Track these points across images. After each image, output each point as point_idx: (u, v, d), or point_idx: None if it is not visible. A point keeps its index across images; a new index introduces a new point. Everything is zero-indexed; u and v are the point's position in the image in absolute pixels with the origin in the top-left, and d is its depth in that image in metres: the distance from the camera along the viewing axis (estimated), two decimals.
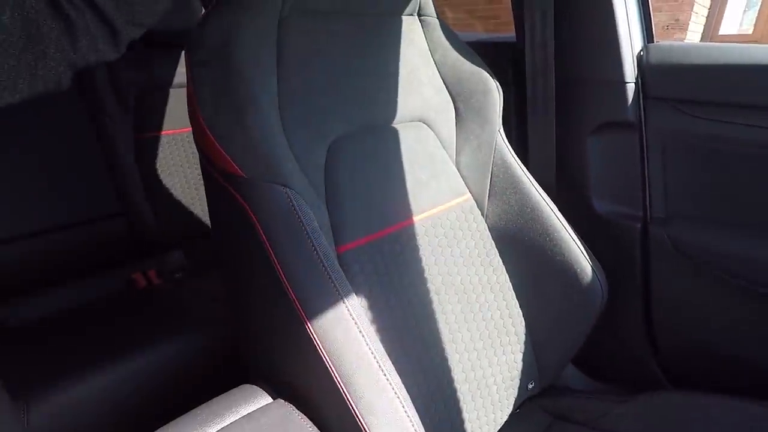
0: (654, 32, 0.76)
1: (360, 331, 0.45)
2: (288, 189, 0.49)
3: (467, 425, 0.66)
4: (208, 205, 0.59)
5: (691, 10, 3.34)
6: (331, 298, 0.45)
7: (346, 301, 0.46)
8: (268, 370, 0.54)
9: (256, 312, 0.53)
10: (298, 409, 0.46)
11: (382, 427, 0.42)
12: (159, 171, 1.24)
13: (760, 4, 4.00)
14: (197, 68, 0.49)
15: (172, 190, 1.26)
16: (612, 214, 0.81)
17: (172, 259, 1.26)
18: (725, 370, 0.75)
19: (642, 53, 0.75)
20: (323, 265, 0.46)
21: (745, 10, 4.90)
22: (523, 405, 0.78)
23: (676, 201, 0.76)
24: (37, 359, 0.79)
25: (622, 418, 0.72)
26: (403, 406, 0.44)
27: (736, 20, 4.79)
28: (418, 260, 0.65)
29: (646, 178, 0.77)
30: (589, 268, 0.71)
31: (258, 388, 0.48)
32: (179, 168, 1.27)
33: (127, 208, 1.14)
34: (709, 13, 3.75)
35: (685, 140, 0.73)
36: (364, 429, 0.42)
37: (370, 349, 0.45)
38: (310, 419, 0.45)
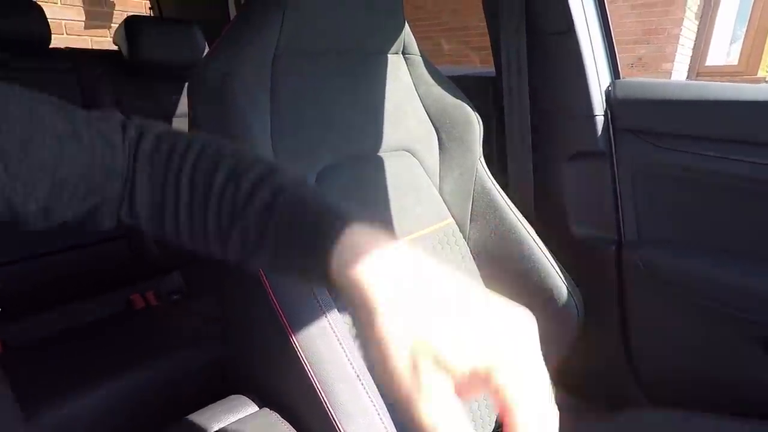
0: (620, 69, 0.82)
1: (340, 344, 0.49)
2: None
3: None
4: None
5: (677, 43, 3.47)
6: (315, 314, 0.49)
7: (328, 316, 0.50)
8: (256, 381, 0.57)
9: (247, 327, 0.57)
10: (283, 418, 0.49)
11: None
12: None
13: (744, 36, 4.15)
14: (198, 107, 0.55)
15: None
16: (588, 238, 0.85)
17: (170, 282, 1.30)
18: (702, 388, 0.78)
19: (610, 88, 0.81)
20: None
21: (731, 42, 5.08)
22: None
23: (647, 225, 0.81)
24: (38, 377, 0.82)
25: None
26: (379, 415, 0.47)
27: (723, 51, 4.95)
28: None
29: (619, 204, 0.82)
30: (564, 288, 0.75)
31: (245, 398, 0.51)
32: None
33: (128, 231, 1.19)
34: (694, 45, 3.89)
35: (651, 169, 0.79)
36: None
37: (349, 360, 0.48)
38: (294, 427, 0.48)
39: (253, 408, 0.50)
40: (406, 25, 0.77)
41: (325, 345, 0.48)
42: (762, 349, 0.72)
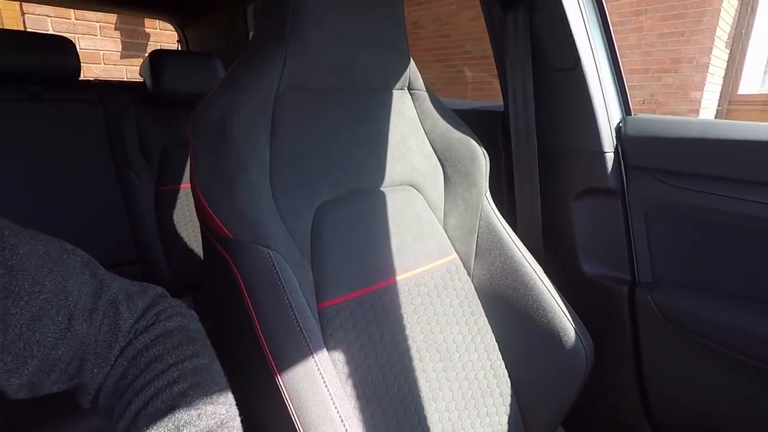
0: (631, 104, 0.80)
1: (326, 387, 0.47)
2: (270, 250, 0.53)
3: None
4: (203, 264, 0.64)
5: (706, 71, 3.40)
6: (302, 354, 0.48)
7: (315, 356, 0.49)
8: (243, 421, 0.56)
9: (235, 364, 0.57)
10: None
11: None
12: (176, 221, 1.32)
13: None
14: (197, 139, 0.56)
15: (186, 240, 1.34)
16: (600, 277, 0.82)
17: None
18: None
19: (621, 125, 0.79)
20: (297, 323, 0.50)
21: (765, 71, 4.94)
22: None
23: (661, 266, 0.77)
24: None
25: None
26: None
27: (758, 79, 4.81)
28: (400, 318, 0.67)
29: (632, 243, 0.79)
30: (573, 330, 0.72)
31: None
32: (195, 219, 1.36)
33: (141, 255, 1.22)
34: (725, 74, 3.80)
35: (665, 208, 0.76)
36: None
37: (334, 404, 0.47)
38: None
39: None
40: (411, 61, 0.78)
41: (310, 387, 0.47)
42: None
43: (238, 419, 0.38)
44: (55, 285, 0.34)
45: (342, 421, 0.47)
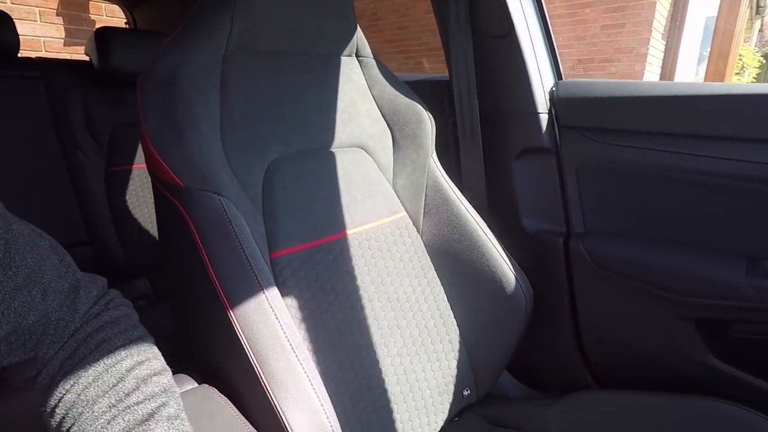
0: (562, 70, 0.87)
1: (276, 318, 0.50)
2: (221, 197, 0.56)
3: (398, 425, 0.69)
4: (156, 217, 0.65)
5: (645, 61, 3.61)
6: (252, 289, 0.51)
7: (266, 292, 0.52)
8: (197, 358, 0.58)
9: (189, 306, 0.59)
10: (221, 392, 0.50)
11: (291, 402, 0.47)
12: (128, 203, 1.30)
13: (708, 59, 4.36)
14: (146, 95, 0.57)
15: (141, 221, 1.32)
16: (538, 231, 0.89)
17: (137, 288, 1.30)
18: (644, 369, 0.81)
19: (553, 88, 0.85)
20: (248, 262, 0.52)
21: (698, 62, 5.32)
22: (463, 413, 0.82)
23: (591, 217, 0.85)
24: None
25: (552, 418, 0.76)
26: (312, 385, 0.49)
27: (691, 71, 5.17)
28: (351, 269, 0.71)
29: (565, 198, 0.86)
30: (514, 278, 0.78)
31: (186, 375, 0.53)
32: (148, 200, 1.34)
33: (93, 237, 1.19)
34: (663, 63, 4.05)
35: (593, 163, 0.83)
36: (275, 404, 0.47)
37: (284, 333, 0.50)
38: (232, 400, 0.49)
39: (192, 384, 0.51)
40: (358, 28, 0.81)
41: (261, 319, 0.50)
42: (694, 328, 0.75)
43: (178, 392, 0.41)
44: (35, 262, 0.38)
45: (292, 348, 0.50)
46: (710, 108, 0.71)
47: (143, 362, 0.40)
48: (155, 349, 0.43)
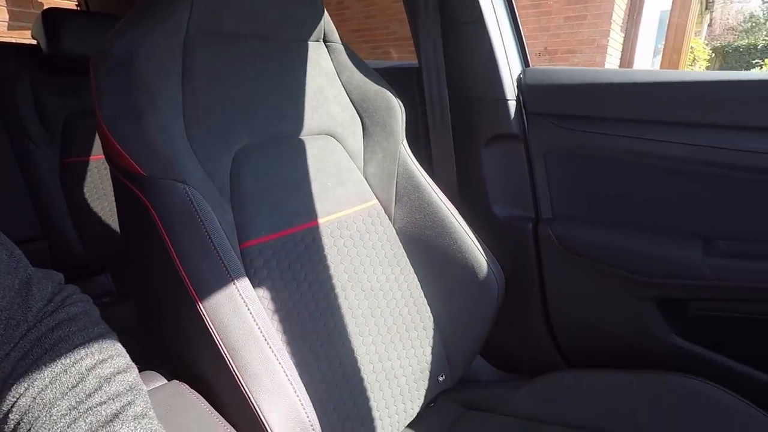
0: (530, 58, 0.88)
1: (248, 309, 0.49)
2: (187, 186, 0.53)
3: (375, 413, 0.69)
4: (117, 209, 0.62)
5: (605, 53, 3.72)
6: (223, 281, 0.49)
7: (237, 283, 0.50)
8: (166, 354, 0.56)
9: (155, 300, 0.56)
10: (193, 388, 0.49)
11: (266, 394, 0.46)
12: (86, 196, 1.24)
13: (662, 51, 4.54)
14: (101, 77, 0.54)
15: (101, 215, 1.26)
16: (508, 217, 0.90)
17: (99, 284, 1.24)
18: (610, 348, 0.84)
19: (521, 75, 0.86)
20: (217, 253, 0.51)
21: (654, 55, 5.53)
22: (438, 399, 0.83)
23: (559, 202, 0.87)
24: None
25: (523, 399, 0.78)
26: (287, 375, 0.48)
27: (648, 63, 5.37)
28: (324, 258, 0.70)
29: (534, 184, 0.88)
30: (485, 263, 0.79)
31: (154, 372, 0.51)
32: (108, 193, 1.28)
33: (49, 232, 1.13)
34: (621, 55, 4.19)
35: (560, 149, 0.85)
36: (249, 398, 0.46)
37: (257, 324, 0.49)
38: (204, 396, 0.48)
39: (161, 381, 0.49)
40: (326, 13, 0.79)
41: (232, 310, 0.48)
42: (656, 308, 0.78)
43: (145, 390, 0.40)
44: None
45: (266, 339, 0.49)
46: (668, 94, 0.73)
47: (105, 360, 0.38)
48: (119, 346, 0.41)
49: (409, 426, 0.77)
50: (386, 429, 0.70)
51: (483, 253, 0.79)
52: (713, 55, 8.84)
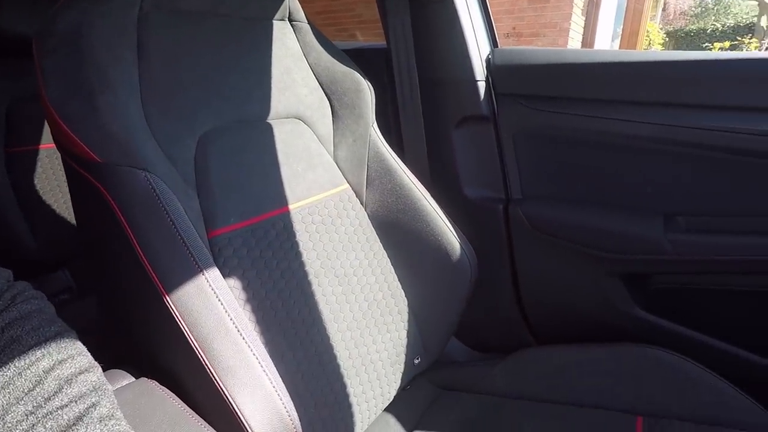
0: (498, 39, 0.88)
1: (219, 301, 0.47)
2: (147, 173, 0.50)
3: (352, 399, 0.69)
4: (72, 199, 0.58)
5: (568, 36, 3.79)
6: (191, 272, 0.47)
7: (206, 274, 0.48)
8: (132, 351, 0.54)
9: (119, 296, 0.53)
10: (162, 384, 0.47)
11: (241, 386, 0.45)
12: (37, 187, 1.16)
13: (620, 35, 4.68)
14: (45, 56, 0.50)
15: (54, 207, 1.19)
16: (479, 198, 0.91)
17: (56, 281, 1.18)
18: (579, 323, 0.87)
19: (490, 56, 0.86)
20: (183, 242, 0.48)
21: (612, 39, 5.67)
22: (414, 381, 0.83)
23: (528, 183, 0.88)
24: None
25: (497, 377, 0.80)
26: (263, 367, 0.47)
27: (607, 46, 5.51)
28: (295, 245, 0.68)
29: (503, 165, 0.88)
30: (458, 245, 0.79)
31: (120, 371, 0.48)
32: (62, 183, 1.20)
33: None
34: (583, 38, 4.28)
35: (529, 130, 0.85)
36: (223, 391, 0.44)
37: (229, 315, 0.47)
38: (175, 392, 0.46)
39: (128, 380, 0.47)
40: None
41: (202, 302, 0.46)
42: (621, 283, 0.81)
43: (110, 388, 0.37)
44: None
45: (238, 331, 0.47)
46: (634, 75, 0.75)
47: (65, 360, 0.36)
48: (79, 345, 0.39)
49: (387, 410, 0.77)
50: (363, 414, 0.70)
51: (455, 235, 0.80)
52: (667, 38, 9.17)
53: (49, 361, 0.35)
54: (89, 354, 0.38)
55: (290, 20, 0.78)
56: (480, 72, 0.85)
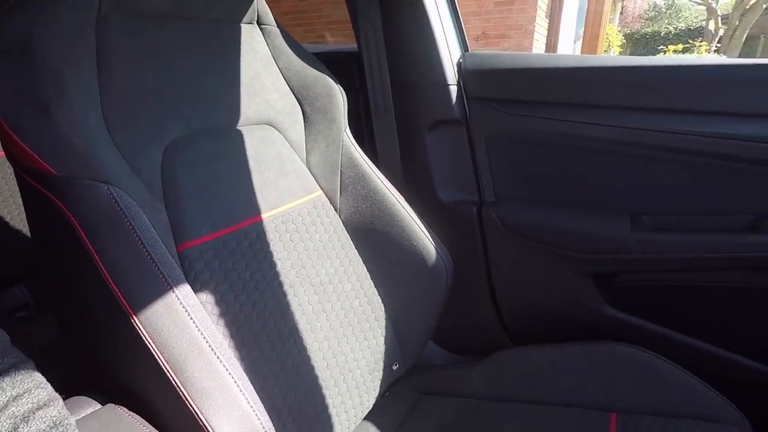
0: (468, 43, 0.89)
1: (192, 320, 0.45)
2: (110, 186, 0.48)
3: (332, 410, 0.68)
4: (26, 213, 0.54)
5: (532, 38, 3.88)
6: (160, 289, 0.45)
7: (176, 291, 0.46)
8: (99, 377, 0.51)
9: (83, 316, 0.51)
10: (131, 411, 0.44)
11: (216, 408, 0.43)
12: None
13: (582, 37, 4.84)
14: None
15: (8, 219, 1.12)
16: (453, 202, 0.91)
17: (12, 297, 1.11)
18: (552, 323, 0.89)
19: (461, 60, 0.87)
20: (151, 258, 0.46)
21: (575, 40, 5.85)
22: (392, 387, 0.83)
23: (501, 186, 0.89)
24: None
25: (475, 380, 0.80)
26: (240, 388, 0.45)
27: (569, 48, 5.68)
28: (269, 255, 0.66)
29: (476, 168, 0.89)
30: (434, 250, 0.79)
31: (85, 398, 0.45)
32: (15, 194, 1.13)
33: None
34: (547, 40, 4.39)
35: (501, 133, 0.86)
36: (198, 415, 0.42)
37: (202, 335, 0.45)
38: (146, 418, 0.44)
39: (93, 407, 0.44)
40: None
41: (173, 321, 0.44)
42: (591, 282, 0.83)
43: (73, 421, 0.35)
44: None
45: (213, 350, 0.45)
46: (599, 79, 0.77)
47: (21, 395, 0.33)
48: (37, 376, 0.36)
49: (366, 418, 0.76)
50: (343, 424, 0.69)
51: (431, 239, 0.79)
52: (625, 40, 9.54)
53: (3, 398, 0.32)
54: (48, 385, 0.36)
55: (259, 23, 0.76)
56: (451, 76, 0.85)
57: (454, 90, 0.85)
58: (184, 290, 0.47)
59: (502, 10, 3.85)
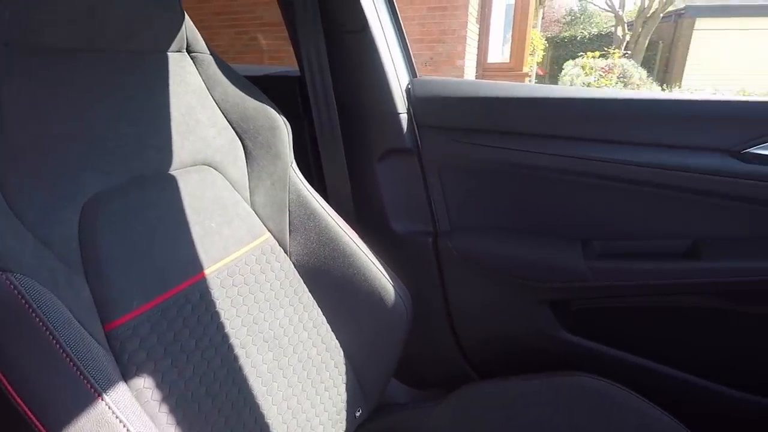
0: (417, 67, 0.86)
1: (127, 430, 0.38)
2: (10, 273, 0.39)
3: None
4: None
5: (465, 42, 3.97)
6: (84, 401, 0.37)
7: (106, 397, 0.38)
8: None
9: None
10: None
11: None
12: None
13: (510, 39, 5.04)
14: None
15: None
16: (407, 233, 0.88)
17: None
18: (513, 352, 0.89)
19: (409, 86, 0.84)
20: (69, 359, 0.38)
21: (503, 43, 6.09)
22: None
23: (455, 215, 0.87)
24: None
25: (439, 419, 0.78)
26: None
27: (499, 51, 5.91)
28: (216, 316, 0.59)
29: (430, 198, 0.87)
30: (391, 287, 0.75)
31: None
32: None
33: None
34: (478, 45, 4.52)
35: (452, 162, 0.85)
36: None
37: None
38: None
39: None
40: (187, 18, 0.66)
41: None
42: (549, 309, 0.84)
43: None
44: None
45: None
46: (546, 110, 0.77)
47: None
48: None
49: None
50: None
51: (387, 276, 0.76)
52: (547, 44, 10.11)
53: None
54: None
55: (189, 51, 0.68)
56: (401, 104, 0.82)
57: (404, 118, 0.82)
58: (116, 392, 0.39)
59: (435, 15, 3.90)
